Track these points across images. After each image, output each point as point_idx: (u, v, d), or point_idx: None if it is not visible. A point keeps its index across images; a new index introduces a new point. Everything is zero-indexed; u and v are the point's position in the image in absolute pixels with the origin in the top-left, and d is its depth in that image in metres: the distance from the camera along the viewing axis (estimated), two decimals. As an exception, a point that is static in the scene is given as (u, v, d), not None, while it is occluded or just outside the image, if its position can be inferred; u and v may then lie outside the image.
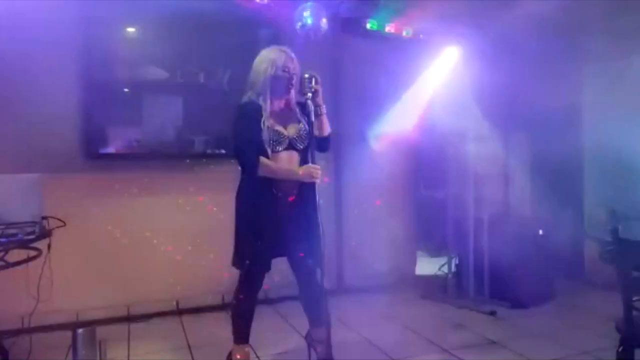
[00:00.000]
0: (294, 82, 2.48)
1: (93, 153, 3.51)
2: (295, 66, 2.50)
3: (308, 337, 2.82)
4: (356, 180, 4.32)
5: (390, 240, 4.51)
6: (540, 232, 4.01)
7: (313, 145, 2.44)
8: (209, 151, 3.84)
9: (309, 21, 3.68)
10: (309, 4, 3.68)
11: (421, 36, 4.18)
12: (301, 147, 2.51)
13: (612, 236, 2.00)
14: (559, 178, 4.57)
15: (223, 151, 3.84)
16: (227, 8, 3.61)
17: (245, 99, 2.54)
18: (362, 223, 4.33)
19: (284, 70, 2.46)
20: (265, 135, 2.42)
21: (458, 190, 4.13)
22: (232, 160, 3.73)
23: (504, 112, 4.44)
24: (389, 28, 4.09)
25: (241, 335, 2.64)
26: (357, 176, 4.32)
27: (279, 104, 2.52)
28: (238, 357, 2.62)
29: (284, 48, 2.53)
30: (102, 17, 3.48)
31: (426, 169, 4.82)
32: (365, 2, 4.04)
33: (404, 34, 4.14)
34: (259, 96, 2.47)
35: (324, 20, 3.75)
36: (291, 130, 2.50)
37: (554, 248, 4.08)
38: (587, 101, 4.54)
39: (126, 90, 3.70)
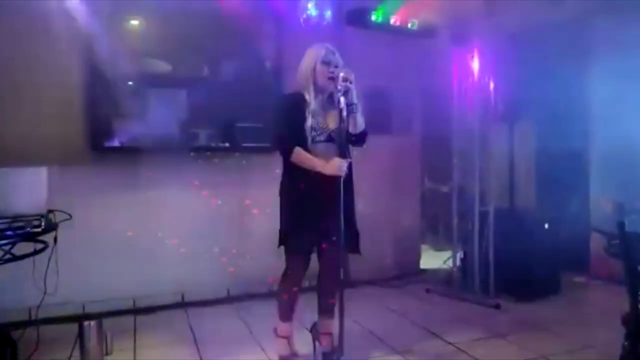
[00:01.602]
0: (334, 75, 2.53)
1: (98, 146, 3.51)
2: (336, 59, 2.60)
3: (313, 330, 2.85)
4: (360, 173, 4.30)
5: (395, 234, 4.51)
6: (546, 225, 3.99)
7: (346, 140, 2.53)
8: (213, 144, 3.84)
9: (313, 13, 3.66)
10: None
11: (426, 28, 4.15)
12: (339, 140, 2.57)
13: (618, 230, 1.99)
14: (565, 171, 4.54)
15: (227, 144, 3.84)
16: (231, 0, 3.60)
17: (291, 91, 2.68)
18: (367, 216, 4.32)
19: (323, 62, 2.58)
20: (309, 123, 2.55)
21: (463, 184, 4.11)
22: (236, 154, 3.76)
23: (510, 104, 4.41)
24: (394, 20, 4.06)
25: (284, 314, 2.77)
26: (361, 169, 4.30)
27: (321, 97, 2.63)
28: (278, 331, 2.78)
29: (327, 44, 2.65)
30: (106, 10, 3.48)
31: (431, 162, 4.81)
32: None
33: (410, 26, 4.10)
34: (304, 88, 2.60)
35: (329, 12, 3.73)
36: (331, 123, 2.60)
37: (560, 242, 4.07)
38: (595, 93, 4.50)
39: (130, 83, 3.69)
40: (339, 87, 2.45)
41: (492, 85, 3.99)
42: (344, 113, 2.44)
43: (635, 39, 3.98)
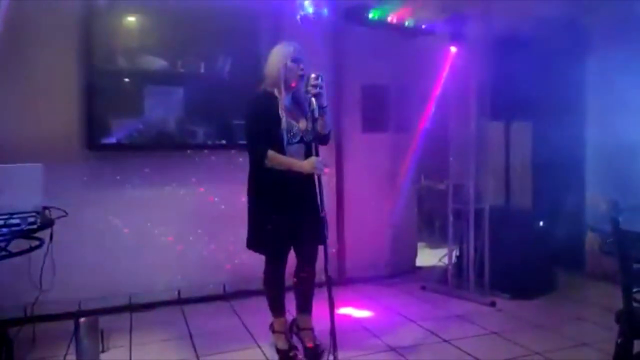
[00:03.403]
0: (303, 74, 2.59)
1: (95, 143, 3.50)
2: (304, 59, 2.64)
3: (293, 327, 2.87)
4: (357, 171, 4.32)
5: (390, 232, 4.52)
6: (541, 223, 4.01)
7: (316, 140, 2.56)
8: (209, 142, 3.83)
9: (310, 10, 3.65)
10: (310, -7, 3.66)
11: (423, 26, 4.15)
12: (308, 140, 2.63)
13: (612, 227, 2.00)
14: (560, 169, 4.56)
15: (224, 142, 3.84)
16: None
17: (259, 90, 2.68)
18: (363, 214, 4.34)
19: (293, 60, 2.60)
20: (284, 125, 2.57)
21: (459, 181, 4.12)
22: (233, 151, 3.77)
23: (506, 102, 4.41)
24: (391, 18, 4.06)
25: (274, 308, 2.82)
26: (358, 167, 4.32)
27: (290, 97, 2.66)
28: (275, 327, 2.83)
29: (294, 43, 2.68)
30: (103, 6, 3.46)
31: (427, 159, 4.81)
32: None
33: (407, 24, 4.10)
34: (274, 88, 2.62)
35: (325, 10, 3.72)
36: (302, 124, 2.64)
37: (555, 239, 4.08)
38: (590, 91, 4.52)
39: (127, 80, 3.68)
40: (311, 89, 2.47)
41: (488, 83, 4.00)
42: (316, 115, 2.47)
43: (632, 37, 4.00)
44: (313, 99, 2.47)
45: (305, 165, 2.54)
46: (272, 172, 2.56)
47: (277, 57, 2.63)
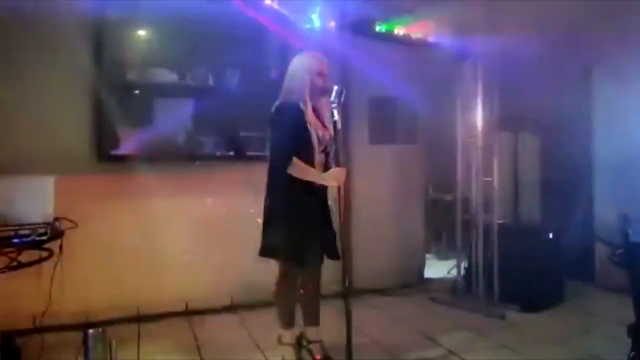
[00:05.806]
0: (328, 86, 2.56)
1: (104, 155, 3.54)
2: (328, 72, 2.64)
3: (301, 340, 2.85)
4: (365, 182, 4.32)
5: (399, 243, 4.51)
6: (551, 235, 3.98)
7: (337, 151, 2.56)
8: (218, 153, 3.86)
9: (317, 24, 3.69)
10: (317, 6, 3.70)
11: (430, 39, 4.18)
12: (329, 150, 2.64)
13: (622, 239, 1.99)
14: (569, 181, 4.53)
15: (232, 153, 3.86)
16: (236, 10, 3.63)
17: (282, 100, 2.64)
18: (371, 225, 4.33)
19: (320, 74, 2.61)
20: (313, 136, 2.57)
21: (467, 193, 4.11)
22: (241, 163, 3.78)
23: (514, 115, 4.41)
24: (398, 30, 4.09)
25: (284, 319, 2.79)
26: (366, 178, 4.32)
27: (313, 109, 2.65)
28: (283, 339, 2.81)
29: (318, 53, 2.67)
30: (113, 20, 3.52)
31: (435, 171, 4.81)
32: (375, 4, 4.04)
33: (413, 37, 4.13)
34: (299, 100, 2.58)
35: (332, 22, 3.76)
36: (326, 134, 2.64)
37: (565, 251, 4.05)
38: (598, 103, 4.51)
39: (137, 92, 3.73)
40: (334, 101, 2.46)
41: (496, 95, 4.00)
42: (339, 126, 2.47)
43: (639, 50, 4.00)
44: (335, 112, 2.47)
45: (327, 177, 2.56)
46: (293, 180, 2.54)
47: (302, 69, 2.61)
